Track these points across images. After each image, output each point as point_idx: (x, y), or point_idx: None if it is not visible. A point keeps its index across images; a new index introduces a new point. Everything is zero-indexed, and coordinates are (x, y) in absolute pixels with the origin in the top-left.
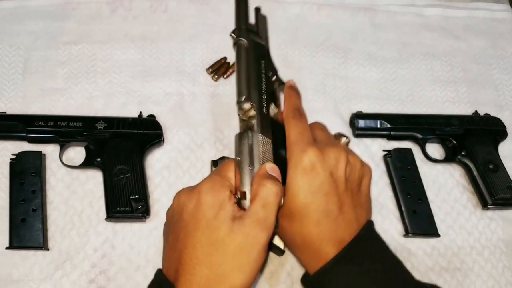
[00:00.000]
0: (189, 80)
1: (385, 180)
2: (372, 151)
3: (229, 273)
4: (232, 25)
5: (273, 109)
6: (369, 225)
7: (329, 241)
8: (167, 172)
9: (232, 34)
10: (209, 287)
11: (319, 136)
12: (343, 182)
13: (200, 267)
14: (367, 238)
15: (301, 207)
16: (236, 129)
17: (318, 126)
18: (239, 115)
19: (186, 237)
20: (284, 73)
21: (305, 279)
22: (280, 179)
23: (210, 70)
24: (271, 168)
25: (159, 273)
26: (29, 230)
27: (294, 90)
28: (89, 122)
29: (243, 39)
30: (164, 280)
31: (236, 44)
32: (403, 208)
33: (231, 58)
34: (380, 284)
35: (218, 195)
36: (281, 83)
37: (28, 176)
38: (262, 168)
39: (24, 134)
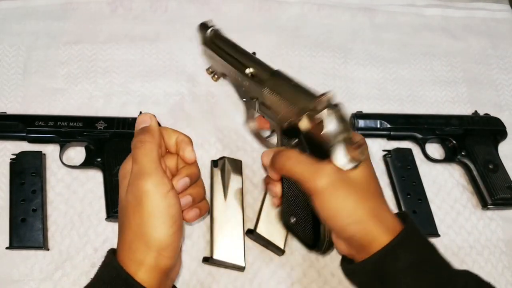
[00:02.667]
0: (189, 80)
1: (385, 180)
2: (372, 151)
3: (147, 230)
4: (231, 26)
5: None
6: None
7: (376, 229)
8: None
9: (201, 33)
10: (132, 243)
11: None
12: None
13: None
14: (415, 225)
15: (344, 226)
16: (236, 130)
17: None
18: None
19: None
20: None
21: (352, 265)
22: (152, 122)
23: (210, 70)
24: (142, 119)
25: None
26: (29, 230)
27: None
28: (89, 122)
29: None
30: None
31: (207, 37)
32: (403, 208)
33: None
34: (436, 264)
35: (124, 165)
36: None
37: (28, 176)
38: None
39: (24, 134)
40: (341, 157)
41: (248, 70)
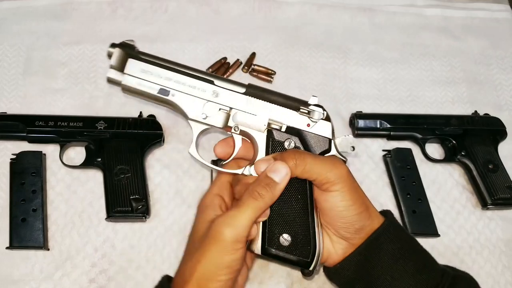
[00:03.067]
0: None
1: (385, 180)
2: (371, 151)
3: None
4: (231, 26)
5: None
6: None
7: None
8: (167, 172)
9: (124, 50)
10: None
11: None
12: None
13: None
14: (395, 219)
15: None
16: None
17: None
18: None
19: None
20: (284, 73)
21: (341, 262)
22: (284, 182)
23: (210, 70)
24: (278, 168)
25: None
26: (29, 230)
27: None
28: (89, 122)
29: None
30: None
31: (135, 54)
32: (402, 208)
33: (231, 58)
34: (418, 250)
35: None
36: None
37: (28, 176)
38: (250, 178)
39: (25, 134)
40: (346, 144)
41: (218, 82)
